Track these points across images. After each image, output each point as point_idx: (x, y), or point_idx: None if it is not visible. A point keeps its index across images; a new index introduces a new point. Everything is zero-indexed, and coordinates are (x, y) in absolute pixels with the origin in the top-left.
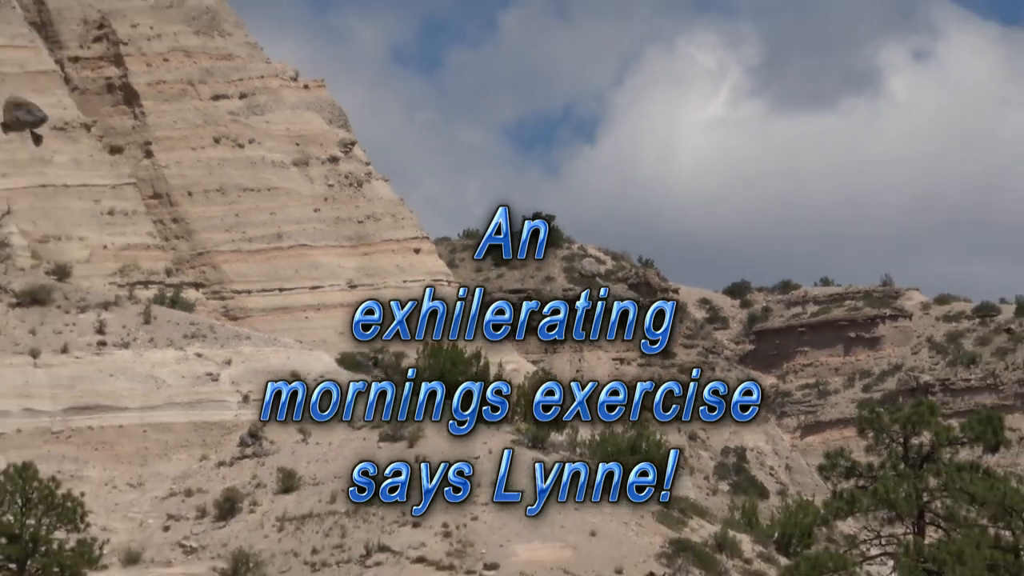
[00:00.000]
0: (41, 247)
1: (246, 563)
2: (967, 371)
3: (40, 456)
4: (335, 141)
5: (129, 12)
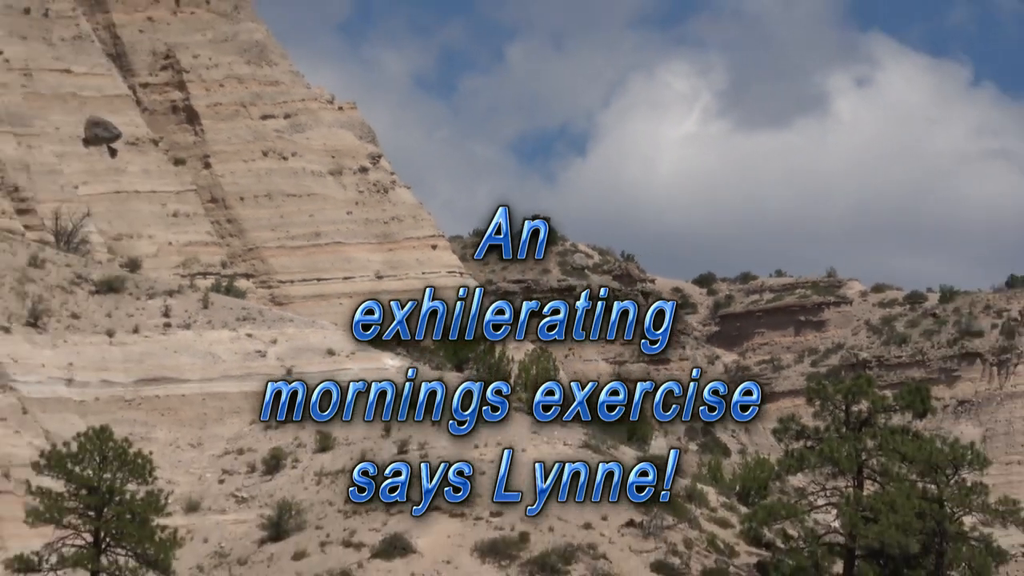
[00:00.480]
0: (116, 244)
1: (289, 511)
2: (899, 349)
3: (115, 420)
4: (365, 154)
5: (191, 45)
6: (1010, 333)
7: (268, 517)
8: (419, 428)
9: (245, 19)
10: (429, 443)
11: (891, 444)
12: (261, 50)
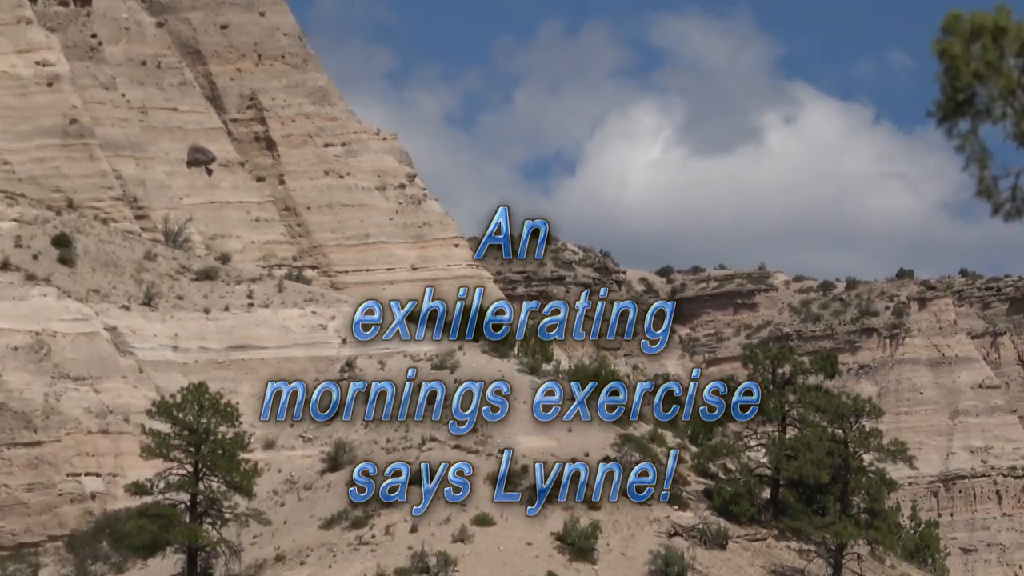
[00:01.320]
0: (211, 242)
1: (343, 448)
2: (813, 325)
3: (210, 378)
4: (403, 174)
5: (270, 90)
6: (899, 313)
7: (327, 453)
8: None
9: (312, 70)
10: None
11: (807, 398)
12: (324, 94)
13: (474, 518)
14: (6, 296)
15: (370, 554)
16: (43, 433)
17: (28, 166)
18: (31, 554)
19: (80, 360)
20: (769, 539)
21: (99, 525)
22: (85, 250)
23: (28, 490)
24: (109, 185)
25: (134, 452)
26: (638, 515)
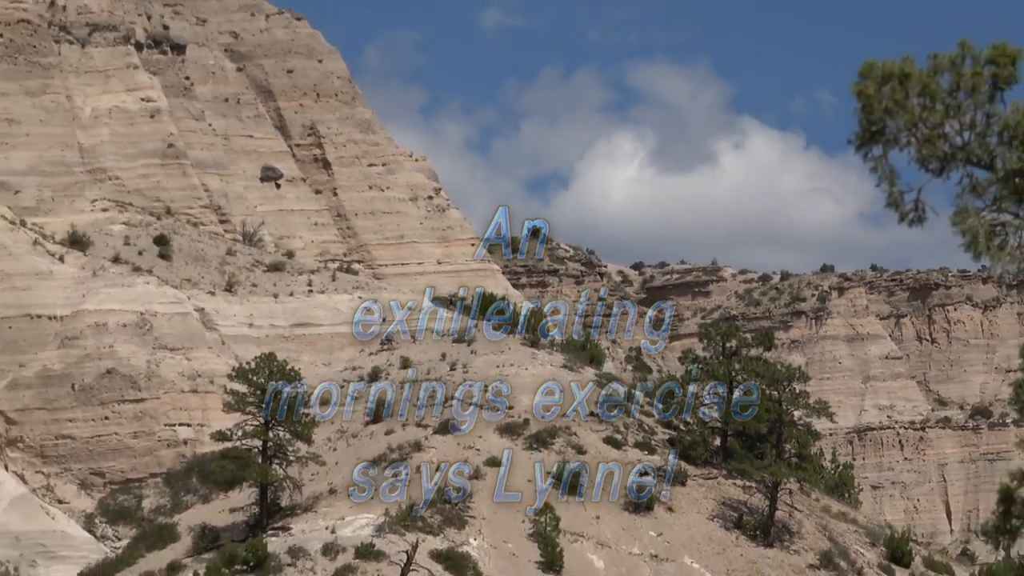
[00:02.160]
0: (279, 241)
1: (383, 405)
2: (755, 309)
3: (277, 348)
4: (431, 188)
5: (325, 121)
6: (822, 299)
7: (371, 408)
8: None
9: (359, 105)
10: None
11: (750, 366)
12: (368, 124)
13: (486, 460)
14: (117, 284)
15: (403, 489)
16: (146, 392)
17: (135, 181)
18: (136, 487)
19: (175, 334)
20: (719, 478)
21: (190, 465)
22: (179, 247)
23: (134, 437)
24: (199, 196)
25: (217, 407)
26: (616, 457)
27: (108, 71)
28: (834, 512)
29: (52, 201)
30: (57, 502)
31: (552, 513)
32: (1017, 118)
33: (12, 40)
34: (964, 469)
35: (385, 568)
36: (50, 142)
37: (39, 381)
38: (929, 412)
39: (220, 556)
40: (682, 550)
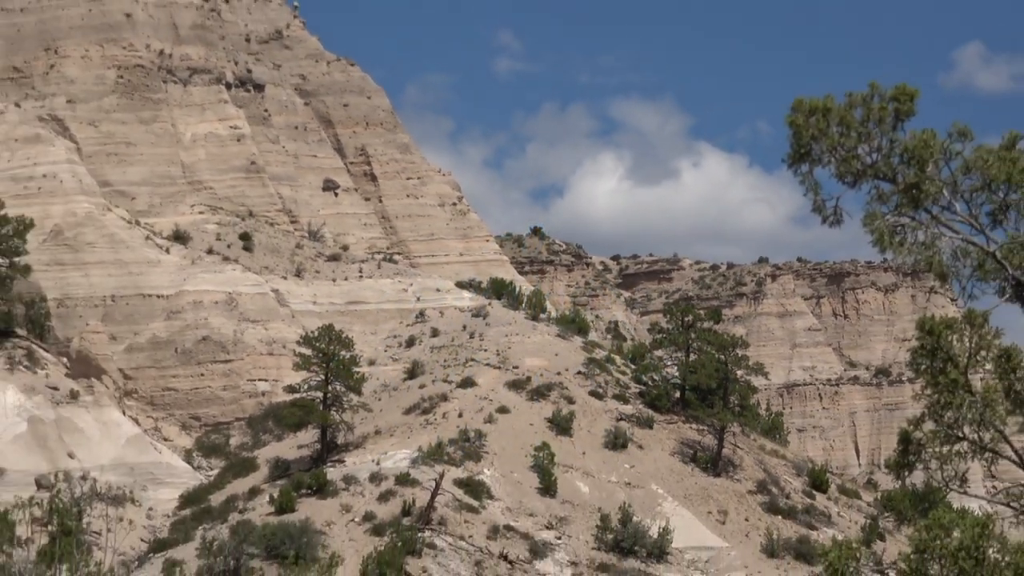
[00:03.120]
0: (336, 238)
1: (417, 364)
2: (707, 291)
3: (335, 321)
4: (455, 196)
5: (373, 144)
6: (759, 284)
7: (407, 368)
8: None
9: (399, 131)
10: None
11: (703, 336)
12: (407, 146)
13: (497, 408)
14: (211, 270)
15: (433, 430)
16: (233, 354)
17: (224, 190)
18: (224, 429)
19: (255, 309)
20: (679, 423)
21: (266, 411)
22: (259, 242)
23: (223, 390)
24: (274, 202)
25: (288, 366)
26: (598, 407)
27: (204, 105)
28: (768, 450)
29: (160, 206)
30: (163, 440)
31: (548, 450)
32: (914, 143)
33: (130, 81)
34: (869, 417)
35: (418, 492)
36: (159, 160)
37: (149, 346)
38: (842, 372)
39: (290, 482)
40: (650, 479)
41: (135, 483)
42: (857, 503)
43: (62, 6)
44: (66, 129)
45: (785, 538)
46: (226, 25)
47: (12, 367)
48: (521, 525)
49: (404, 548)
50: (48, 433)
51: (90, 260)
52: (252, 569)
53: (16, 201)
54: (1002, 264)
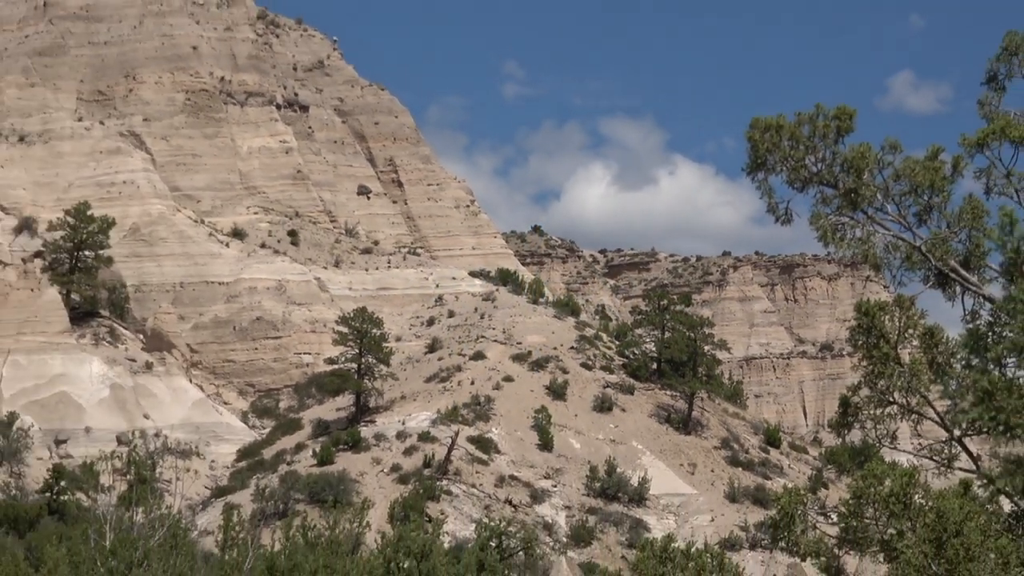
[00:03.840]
0: (369, 234)
1: (437, 340)
2: (679, 279)
3: (367, 304)
4: (468, 199)
5: (400, 156)
6: (723, 274)
7: (427, 343)
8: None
9: (422, 145)
10: (494, 315)
11: (676, 317)
12: (428, 157)
13: (503, 377)
14: (263, 261)
15: (449, 396)
16: (282, 332)
17: (275, 194)
18: (275, 394)
19: (301, 294)
20: (655, 390)
21: (310, 380)
22: (304, 238)
23: (274, 361)
24: (317, 204)
25: (328, 342)
26: (588, 376)
27: (258, 123)
28: (730, 412)
29: (220, 207)
30: (223, 403)
31: (546, 412)
32: (852, 155)
33: (196, 102)
34: (815, 385)
35: (437, 448)
36: (220, 169)
37: (212, 324)
38: (792, 347)
39: (329, 439)
40: (631, 436)
41: (199, 440)
42: (805, 457)
43: (139, 40)
44: (142, 143)
45: (744, 486)
46: (276, 56)
47: (97, 342)
48: (523, 475)
49: (425, 494)
50: (127, 398)
51: (162, 253)
52: (297, 512)
53: (100, 203)
54: (927, 256)
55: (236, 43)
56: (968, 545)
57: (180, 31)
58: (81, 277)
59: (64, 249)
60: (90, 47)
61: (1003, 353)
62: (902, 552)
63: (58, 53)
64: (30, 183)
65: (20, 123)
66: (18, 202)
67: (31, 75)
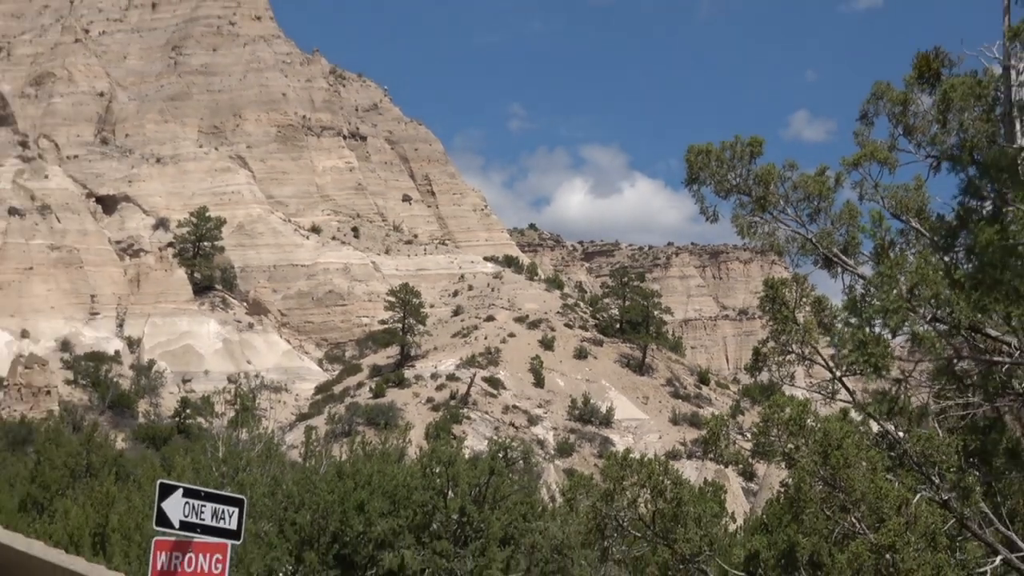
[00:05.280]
0: (409, 230)
1: (460, 307)
2: (636, 263)
3: (410, 281)
4: (483, 205)
5: (433, 173)
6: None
7: (453, 310)
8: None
9: (449, 165)
10: (501, 289)
11: (634, 290)
12: (454, 174)
13: (508, 334)
14: (334, 250)
15: (468, 347)
16: (347, 301)
17: (342, 201)
18: (342, 346)
19: (360, 273)
20: (619, 343)
21: (367, 335)
22: (363, 232)
23: (341, 322)
24: (372, 208)
25: (381, 308)
26: (569, 333)
27: (330, 149)
28: (673, 359)
29: (302, 210)
30: (304, 353)
31: (539, 359)
32: (761, 172)
33: (284, 134)
34: (735, 339)
35: (460, 385)
36: (302, 183)
37: (296, 295)
38: (718, 312)
39: (382, 379)
40: (600, 377)
41: (287, 379)
42: (727, 392)
43: (243, 89)
44: (245, 163)
45: (683, 413)
46: (343, 100)
47: (213, 308)
48: (522, 405)
49: (451, 419)
50: (234, 349)
51: (260, 243)
52: (358, 432)
53: (215, 208)
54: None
55: (314, 91)
56: (846, 455)
57: (273, 82)
58: (201, 261)
59: (189, 240)
60: (208, 94)
61: (872, 315)
62: (797, 460)
63: (184, 98)
64: (164, 192)
65: (157, 149)
66: (155, 207)
67: (165, 114)
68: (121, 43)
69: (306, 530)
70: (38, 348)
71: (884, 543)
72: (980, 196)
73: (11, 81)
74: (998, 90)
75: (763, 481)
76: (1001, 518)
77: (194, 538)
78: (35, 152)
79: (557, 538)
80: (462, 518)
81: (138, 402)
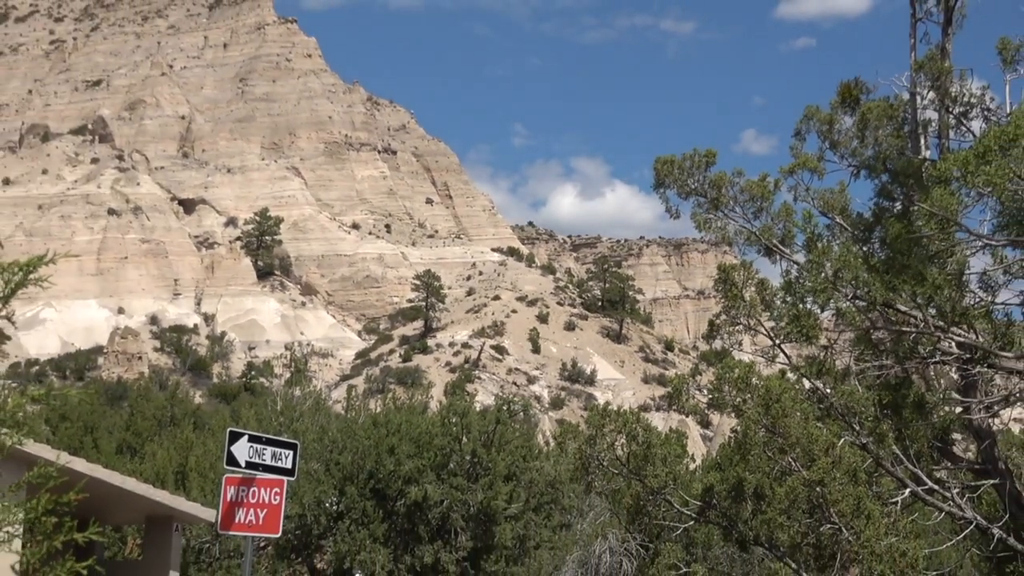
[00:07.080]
0: (431, 227)
1: (472, 289)
2: (615, 254)
3: (431, 268)
4: (491, 207)
5: (451, 180)
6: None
7: (466, 291)
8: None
9: (464, 174)
10: (506, 273)
11: (613, 275)
12: (467, 182)
13: (511, 310)
14: (370, 243)
15: (479, 321)
16: (381, 284)
17: (377, 204)
18: (377, 320)
19: (393, 262)
20: (600, 317)
21: (398, 312)
22: (394, 229)
23: (376, 301)
24: (401, 208)
25: (409, 290)
26: (560, 309)
27: (367, 162)
28: (644, 331)
29: (345, 211)
30: (347, 326)
31: (536, 331)
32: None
33: (331, 150)
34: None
35: (472, 352)
36: (344, 189)
37: (339, 279)
38: (681, 292)
39: (409, 346)
40: (586, 345)
41: (333, 347)
42: (688, 356)
43: (297, 113)
44: (299, 173)
45: (652, 374)
46: (377, 121)
47: (272, 290)
48: (522, 368)
49: (465, 379)
50: (291, 322)
51: (311, 238)
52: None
53: (274, 209)
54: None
55: (354, 114)
56: (784, 407)
57: (321, 107)
58: (263, 252)
59: (253, 235)
60: (268, 117)
61: (804, 294)
62: (745, 411)
63: (250, 120)
64: (233, 197)
65: (227, 161)
66: (226, 208)
67: (234, 133)
68: (199, 76)
69: (347, 469)
70: (132, 322)
71: (815, 479)
72: (891, 198)
73: (110, 107)
74: (906, 112)
75: (717, 428)
76: (909, 458)
77: (256, 475)
78: (129, 164)
79: (550, 475)
80: (473, 459)
81: (212, 365)
